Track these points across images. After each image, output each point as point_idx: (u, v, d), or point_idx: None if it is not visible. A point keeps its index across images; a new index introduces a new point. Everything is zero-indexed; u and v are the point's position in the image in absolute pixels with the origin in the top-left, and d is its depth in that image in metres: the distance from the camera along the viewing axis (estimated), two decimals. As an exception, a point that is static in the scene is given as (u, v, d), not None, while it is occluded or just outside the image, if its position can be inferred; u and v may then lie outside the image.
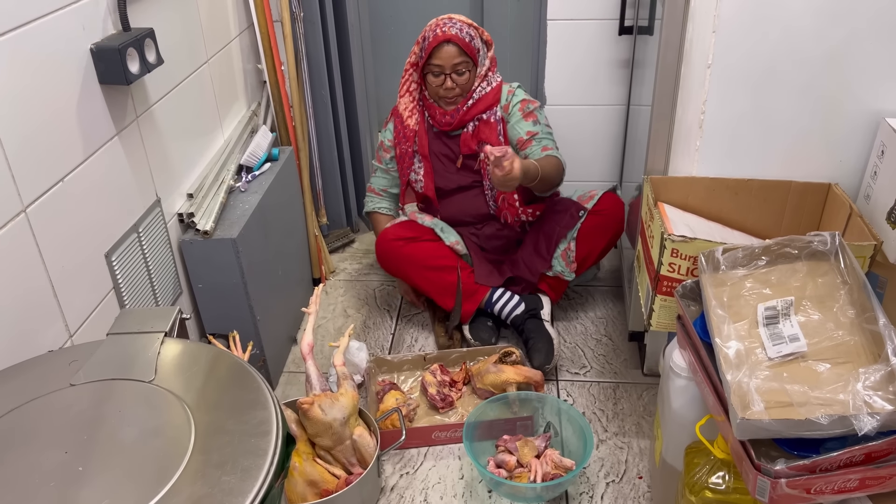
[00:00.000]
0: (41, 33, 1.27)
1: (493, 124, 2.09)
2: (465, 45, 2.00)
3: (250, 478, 0.88)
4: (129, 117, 1.56)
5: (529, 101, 2.11)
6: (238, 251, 1.77)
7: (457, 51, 2.00)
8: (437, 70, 2.03)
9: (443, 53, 2.00)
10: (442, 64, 2.02)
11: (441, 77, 2.04)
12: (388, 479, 1.75)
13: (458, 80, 2.05)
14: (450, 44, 1.99)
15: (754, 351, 1.20)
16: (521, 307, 2.12)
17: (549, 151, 2.08)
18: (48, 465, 0.91)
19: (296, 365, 2.15)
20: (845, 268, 1.26)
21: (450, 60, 2.01)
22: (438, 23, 2.03)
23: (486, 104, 2.09)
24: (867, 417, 1.05)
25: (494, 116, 2.10)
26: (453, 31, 2.00)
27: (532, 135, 2.09)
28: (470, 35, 2.02)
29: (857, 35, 1.46)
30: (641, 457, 1.78)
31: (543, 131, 2.11)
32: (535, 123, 2.10)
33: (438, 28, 2.01)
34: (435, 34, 2.01)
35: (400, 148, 2.18)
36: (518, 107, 2.10)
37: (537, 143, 2.09)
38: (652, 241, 1.56)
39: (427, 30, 2.05)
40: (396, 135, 2.19)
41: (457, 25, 2.02)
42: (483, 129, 2.10)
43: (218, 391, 1.04)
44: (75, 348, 1.15)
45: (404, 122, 2.16)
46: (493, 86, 2.10)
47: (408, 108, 2.16)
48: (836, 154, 1.60)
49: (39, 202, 1.27)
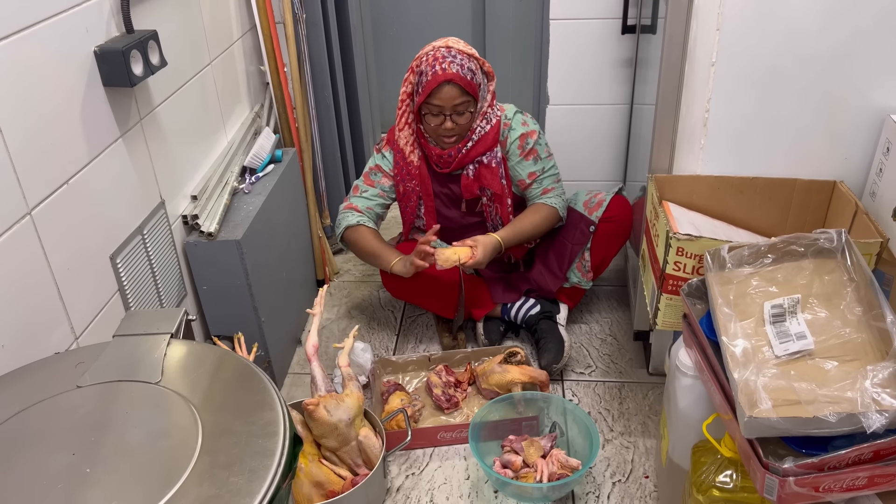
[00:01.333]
0: (45, 36, 1.27)
1: (494, 168, 1.98)
2: (466, 83, 1.83)
3: (258, 478, 0.88)
4: (133, 119, 1.56)
5: (528, 135, 1.99)
6: (242, 253, 1.77)
7: (458, 91, 1.83)
8: (437, 111, 1.87)
9: (443, 94, 1.83)
10: (442, 105, 1.85)
11: (440, 118, 1.88)
12: (394, 480, 1.75)
13: (459, 121, 1.89)
14: (450, 84, 1.82)
15: (761, 349, 1.19)
16: (536, 308, 2.12)
17: (548, 195, 2.03)
18: (56, 467, 0.91)
19: (300, 366, 2.15)
20: (852, 265, 1.25)
21: (450, 101, 1.84)
22: (437, 56, 1.84)
23: (485, 146, 1.96)
24: (875, 415, 1.04)
25: (496, 160, 1.98)
26: (454, 67, 1.82)
27: (534, 177, 2.02)
28: (471, 71, 1.86)
29: (861, 32, 1.46)
30: (647, 456, 1.77)
31: (545, 168, 2.02)
32: (535, 161, 2.00)
33: (438, 64, 1.83)
34: (434, 72, 1.82)
35: (404, 186, 2.05)
36: (517, 144, 1.98)
37: (538, 184, 2.03)
38: (657, 239, 1.56)
39: (424, 62, 1.86)
40: (398, 171, 2.04)
41: (457, 60, 1.83)
42: (484, 173, 1.98)
43: (224, 392, 1.04)
44: (81, 350, 1.15)
45: (406, 159, 2.02)
46: (492, 123, 1.97)
47: (409, 143, 2.00)
48: (841, 151, 1.59)
49: (44, 205, 1.27)
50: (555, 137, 2.47)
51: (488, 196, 2.03)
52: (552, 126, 2.46)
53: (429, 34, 3.30)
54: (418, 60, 1.89)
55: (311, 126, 2.40)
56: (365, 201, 2.08)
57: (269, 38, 2.20)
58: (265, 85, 2.38)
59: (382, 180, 2.07)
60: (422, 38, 3.26)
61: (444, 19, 3.20)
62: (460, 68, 1.83)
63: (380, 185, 2.08)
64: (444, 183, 2.05)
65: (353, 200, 2.09)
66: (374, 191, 2.08)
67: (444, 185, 2.06)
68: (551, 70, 2.37)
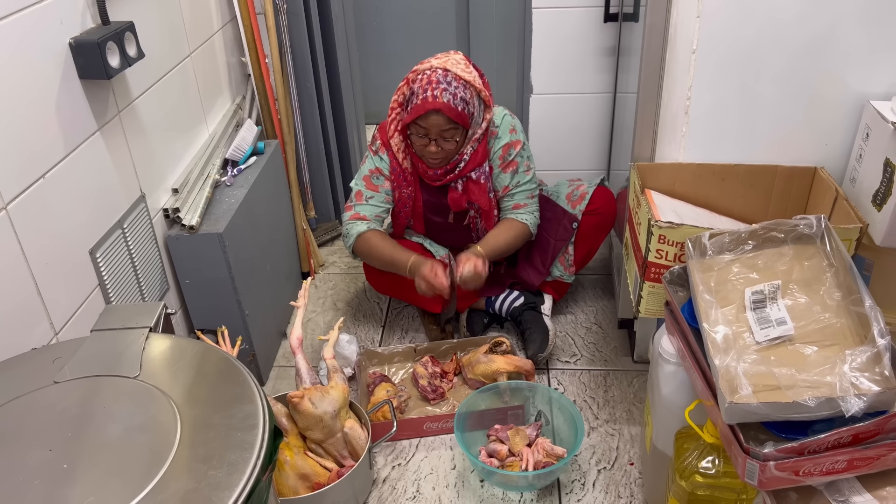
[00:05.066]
0: (18, 28, 1.25)
1: (482, 185, 1.96)
2: (455, 114, 1.77)
3: (237, 471, 0.87)
4: (111, 112, 1.54)
5: (512, 145, 1.95)
6: (225, 246, 1.76)
7: (445, 120, 1.78)
8: (423, 132, 1.82)
9: (429, 121, 1.78)
10: (427, 128, 1.81)
11: (425, 139, 1.84)
12: (381, 471, 1.75)
13: (444, 146, 1.84)
14: (438, 113, 1.76)
15: (742, 335, 1.20)
16: (520, 300, 2.13)
17: (519, 210, 2.02)
18: (33, 464, 0.90)
19: (286, 359, 2.14)
20: (831, 251, 1.26)
21: (436, 128, 1.80)
22: (432, 80, 1.77)
23: (475, 163, 1.93)
24: (854, 399, 1.05)
25: (484, 175, 1.96)
26: (446, 97, 1.75)
27: (507, 191, 2.00)
28: (464, 101, 1.78)
29: (841, 19, 1.46)
30: (632, 443, 1.78)
31: (520, 182, 2.00)
32: (512, 175, 1.98)
33: (430, 90, 1.76)
34: (424, 98, 1.76)
35: (400, 192, 2.01)
36: (499, 154, 1.96)
37: (509, 198, 2.01)
38: (639, 227, 1.56)
39: (418, 82, 1.79)
40: (395, 177, 2.00)
41: (451, 88, 1.76)
42: (473, 188, 1.96)
43: (204, 386, 1.03)
44: (59, 345, 1.14)
45: (401, 165, 1.98)
46: (481, 141, 1.92)
47: (400, 150, 1.96)
48: (821, 138, 1.60)
49: (20, 199, 1.26)
50: (539, 127, 2.47)
51: (475, 209, 2.02)
52: (536, 116, 2.46)
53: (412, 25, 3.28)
54: (414, 75, 1.83)
55: (294, 117, 2.38)
56: (372, 209, 2.01)
57: (249, 29, 2.18)
58: (247, 76, 2.36)
59: (385, 184, 2.01)
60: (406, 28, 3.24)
61: (428, 9, 3.18)
62: (452, 97, 1.77)
63: (384, 190, 2.01)
64: (433, 193, 2.03)
65: (360, 209, 2.01)
66: (380, 196, 2.01)
67: (433, 195, 2.03)
68: (535, 59, 2.37)
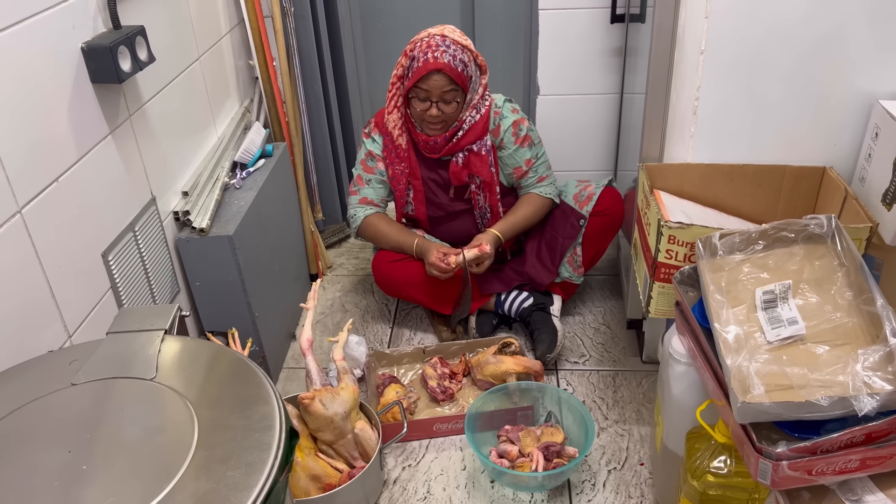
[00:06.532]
0: (31, 33, 1.26)
1: (483, 157, 1.99)
2: (456, 74, 1.85)
3: (255, 472, 0.88)
4: (122, 116, 1.55)
5: (520, 122, 2.00)
6: (235, 248, 1.77)
7: (446, 80, 1.85)
8: (424, 96, 1.88)
9: (431, 82, 1.85)
10: (429, 91, 1.87)
11: (426, 103, 1.89)
12: (391, 472, 1.76)
13: (445, 109, 1.90)
14: (440, 73, 1.84)
15: (753, 335, 1.20)
16: (529, 301, 2.13)
17: (543, 183, 2.07)
18: (52, 465, 0.91)
19: (295, 361, 2.15)
20: (842, 250, 1.26)
21: (438, 89, 1.86)
22: (431, 44, 1.85)
23: (475, 135, 1.97)
24: (867, 398, 1.06)
25: (485, 147, 1.99)
26: (446, 57, 1.83)
27: (530, 164, 2.04)
28: (463, 62, 1.87)
29: (848, 18, 1.47)
30: (642, 443, 1.79)
31: (538, 154, 2.05)
32: (530, 147, 2.03)
33: (430, 52, 1.84)
34: (425, 59, 1.84)
35: (392, 169, 2.06)
36: (510, 132, 1.99)
37: (534, 172, 2.05)
38: (649, 228, 1.56)
39: (417, 48, 1.87)
40: (387, 153, 2.06)
41: (450, 50, 1.84)
42: (474, 161, 1.99)
43: (219, 387, 1.04)
44: (75, 348, 1.14)
45: (395, 142, 2.03)
46: (482, 113, 1.98)
47: (397, 126, 2.01)
48: (830, 137, 1.60)
49: (34, 203, 1.27)
50: (545, 128, 2.47)
51: (477, 184, 2.03)
52: (543, 117, 2.46)
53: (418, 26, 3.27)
54: (412, 45, 1.90)
55: (301, 120, 2.39)
56: (373, 191, 2.10)
57: (257, 32, 2.19)
58: (254, 79, 2.37)
59: (379, 164, 2.08)
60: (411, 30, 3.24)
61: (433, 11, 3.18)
62: (452, 59, 1.85)
63: (378, 171, 2.09)
64: (433, 168, 2.07)
65: (364, 192, 2.11)
66: (377, 177, 2.09)
67: (433, 171, 2.07)
68: (541, 60, 2.37)
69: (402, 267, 2.09)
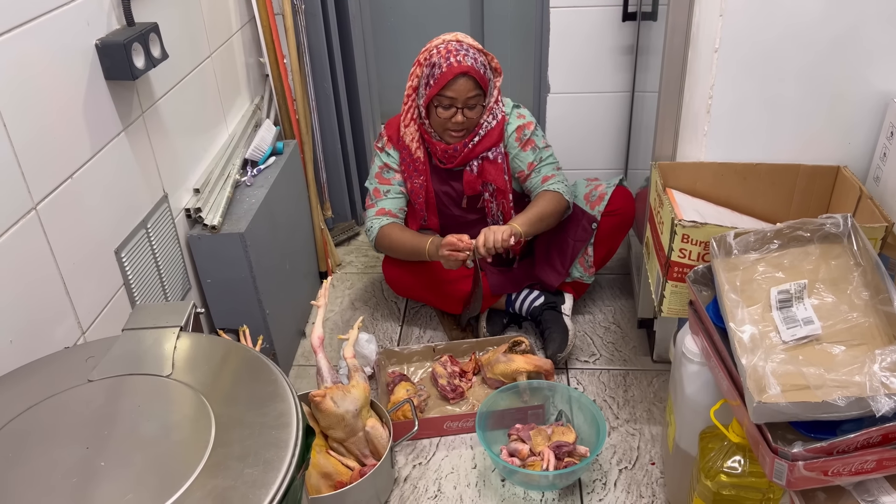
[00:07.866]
0: (46, 29, 1.27)
1: (499, 165, 1.97)
2: (480, 77, 1.84)
3: (273, 469, 0.88)
4: (136, 113, 1.56)
5: (525, 126, 1.99)
6: (246, 245, 1.77)
7: (472, 84, 1.83)
8: (449, 103, 1.86)
9: (458, 86, 1.83)
10: (455, 97, 1.84)
11: (452, 110, 1.87)
12: (402, 470, 1.76)
13: (469, 115, 1.88)
14: (466, 76, 1.82)
15: (768, 335, 1.20)
16: (540, 299, 2.12)
17: (549, 181, 2.00)
18: (70, 461, 0.91)
19: (305, 358, 2.15)
20: (858, 250, 1.26)
21: (464, 94, 1.84)
22: (450, 49, 1.83)
23: (491, 141, 1.95)
24: (884, 398, 1.05)
25: (500, 155, 1.97)
26: (468, 60, 1.82)
27: (532, 167, 2.01)
28: (483, 65, 1.86)
29: (864, 17, 1.46)
30: (653, 443, 1.78)
31: (542, 157, 2.01)
32: (533, 151, 2.00)
33: (452, 56, 1.82)
34: (449, 64, 1.81)
35: (411, 182, 2.03)
36: (514, 137, 1.98)
37: (536, 173, 2.01)
38: (662, 227, 1.56)
39: (435, 54, 1.85)
40: (406, 167, 2.02)
41: (470, 54, 1.83)
42: (489, 168, 1.97)
43: (236, 384, 1.04)
44: (91, 344, 1.15)
45: (413, 155, 2.00)
46: (497, 119, 1.96)
47: (414, 140, 1.98)
48: (844, 136, 1.59)
49: (49, 199, 1.27)
50: (556, 126, 2.47)
51: (490, 192, 2.02)
52: (553, 115, 2.45)
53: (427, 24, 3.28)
54: (427, 53, 1.87)
55: (312, 117, 2.39)
56: (391, 202, 2.05)
57: (268, 29, 2.19)
58: (265, 77, 2.37)
59: (396, 176, 2.05)
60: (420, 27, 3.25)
61: (443, 9, 3.18)
62: (474, 61, 1.83)
63: (396, 182, 2.05)
64: (445, 180, 2.04)
65: (382, 203, 2.05)
66: (395, 188, 2.05)
67: (445, 183, 2.04)
68: (552, 59, 2.37)
69: (412, 268, 2.09)
